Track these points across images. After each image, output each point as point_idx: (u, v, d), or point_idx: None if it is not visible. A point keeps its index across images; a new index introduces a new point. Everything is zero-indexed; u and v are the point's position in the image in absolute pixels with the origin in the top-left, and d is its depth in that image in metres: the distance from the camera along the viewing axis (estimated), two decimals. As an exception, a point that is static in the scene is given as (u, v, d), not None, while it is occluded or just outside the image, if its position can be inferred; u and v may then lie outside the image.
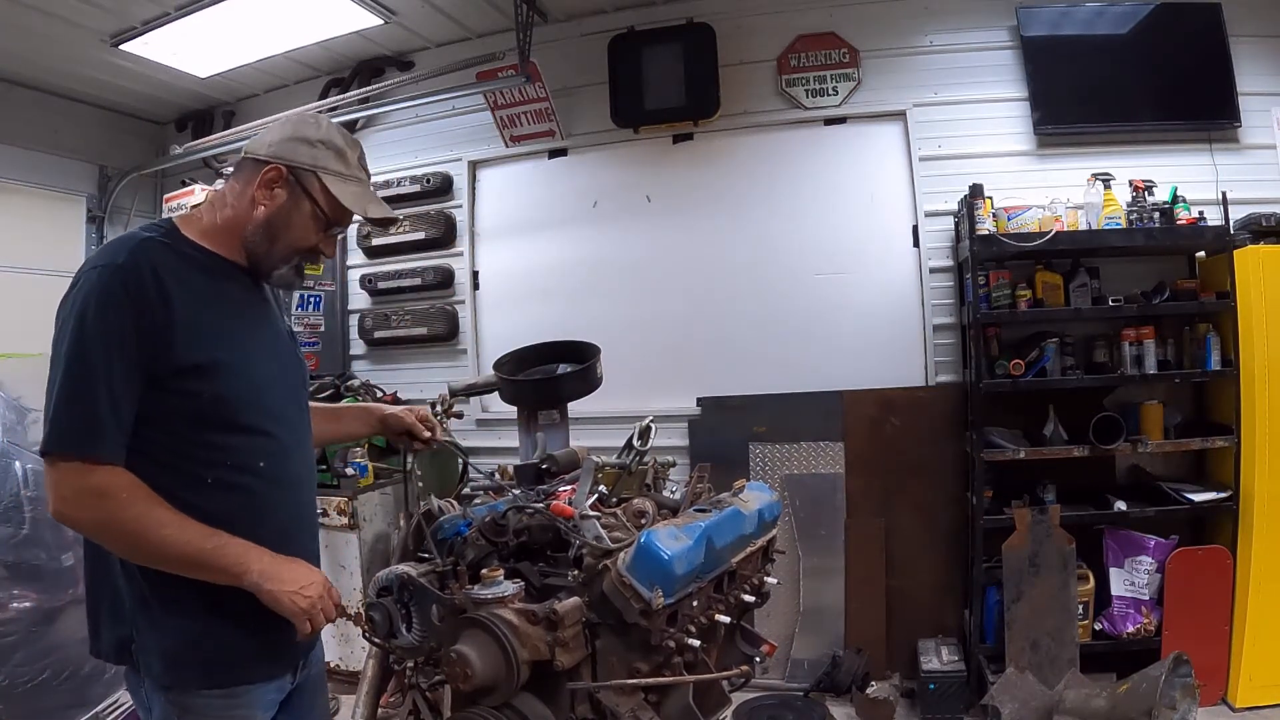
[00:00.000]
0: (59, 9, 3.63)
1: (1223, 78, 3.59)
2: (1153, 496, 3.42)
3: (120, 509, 1.30)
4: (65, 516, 1.32)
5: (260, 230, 1.49)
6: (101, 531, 1.34)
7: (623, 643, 1.55)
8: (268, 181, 1.48)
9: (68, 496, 1.31)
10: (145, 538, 1.32)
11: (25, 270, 4.44)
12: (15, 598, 3.19)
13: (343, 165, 1.52)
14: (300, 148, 1.50)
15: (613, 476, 2.15)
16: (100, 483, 1.30)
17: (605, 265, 4.29)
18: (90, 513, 1.31)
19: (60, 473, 1.31)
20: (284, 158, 1.49)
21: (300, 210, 1.50)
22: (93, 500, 1.30)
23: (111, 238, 4.73)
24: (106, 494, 1.30)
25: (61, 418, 1.31)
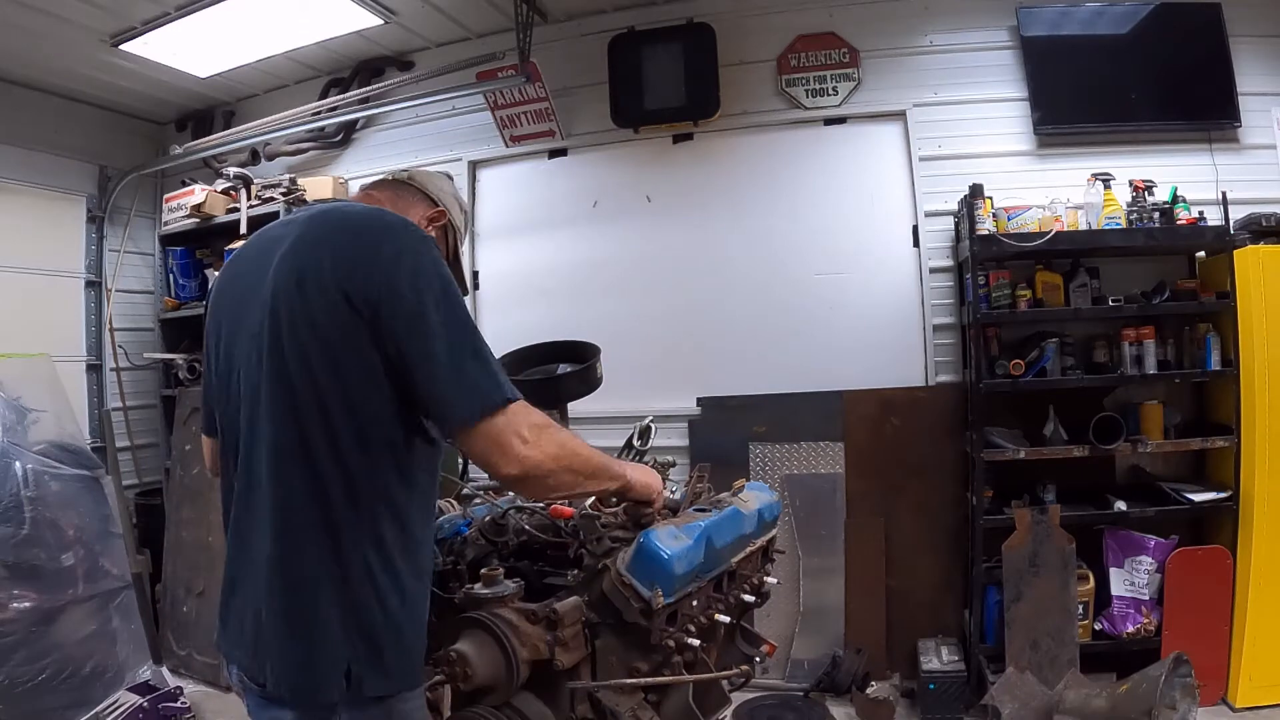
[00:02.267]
0: (59, 9, 3.62)
1: (1223, 78, 3.59)
2: (1153, 496, 3.42)
3: (558, 433, 1.35)
4: (530, 460, 1.28)
5: None
6: (559, 460, 1.33)
7: (622, 642, 1.55)
8: (432, 218, 1.63)
9: (530, 438, 1.28)
10: (580, 455, 1.38)
11: (25, 270, 4.44)
12: (15, 598, 3.19)
13: (464, 238, 1.74)
14: (455, 207, 1.70)
15: (613, 476, 2.14)
16: (540, 417, 1.33)
17: (605, 265, 4.29)
18: (548, 445, 1.31)
19: (513, 418, 1.28)
20: (449, 209, 1.67)
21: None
22: (544, 432, 1.31)
23: (110, 239, 4.76)
24: (547, 425, 1.33)
25: (499, 372, 1.31)
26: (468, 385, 1.27)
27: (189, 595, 4.20)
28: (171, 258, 4.84)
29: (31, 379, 3.78)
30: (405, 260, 1.29)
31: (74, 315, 4.72)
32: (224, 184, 4.58)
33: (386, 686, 1.28)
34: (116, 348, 4.76)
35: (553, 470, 1.32)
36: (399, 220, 1.39)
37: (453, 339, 1.29)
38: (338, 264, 1.29)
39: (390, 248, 1.30)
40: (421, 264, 1.31)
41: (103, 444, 4.58)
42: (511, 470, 1.28)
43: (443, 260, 1.36)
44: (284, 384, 1.28)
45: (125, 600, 3.64)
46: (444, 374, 1.27)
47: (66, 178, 4.67)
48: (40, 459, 3.45)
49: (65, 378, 4.12)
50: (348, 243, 1.32)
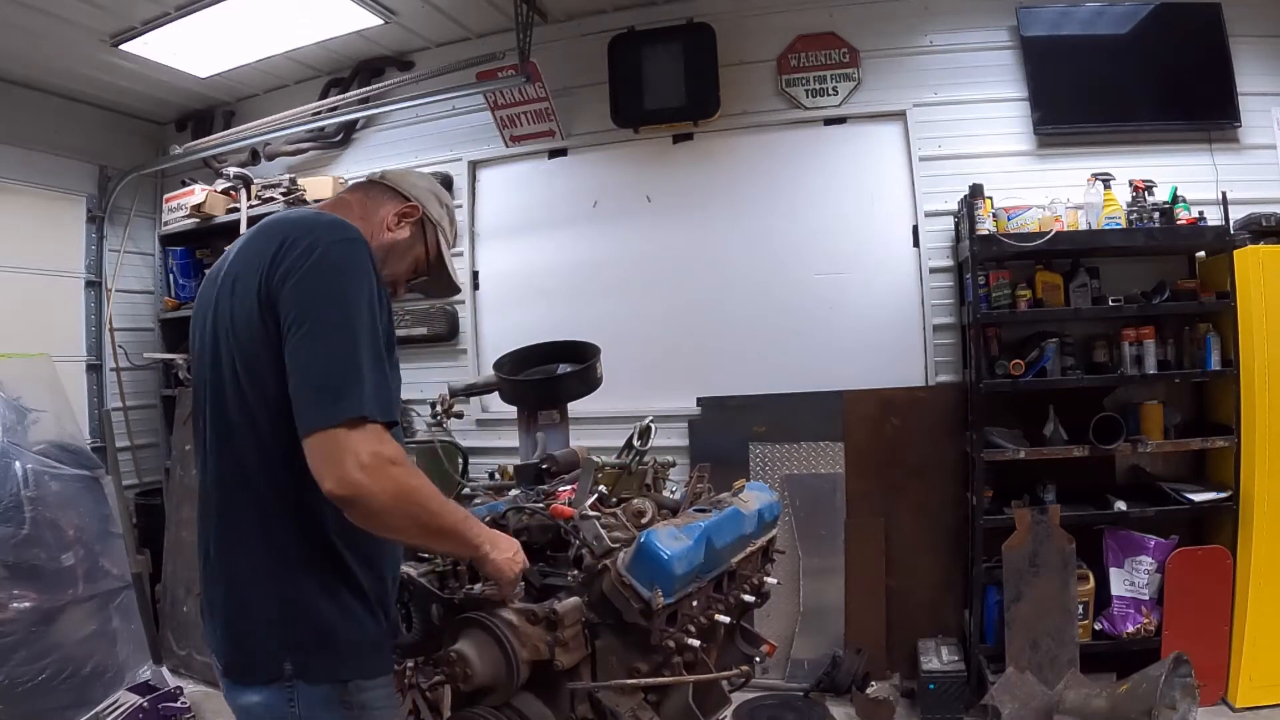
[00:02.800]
0: (59, 9, 3.62)
1: (1223, 78, 3.59)
2: (1153, 496, 3.42)
3: (409, 477, 1.26)
4: (359, 486, 1.20)
5: (381, 250, 1.52)
6: (396, 502, 1.25)
7: (622, 643, 1.55)
8: (404, 214, 1.60)
9: (368, 464, 1.21)
10: (427, 509, 1.30)
11: (25, 270, 4.44)
12: (15, 598, 3.19)
13: (451, 233, 1.72)
14: (434, 202, 1.66)
15: (613, 476, 2.15)
16: (394, 450, 1.25)
17: (605, 265, 4.29)
18: (386, 481, 1.23)
19: (360, 439, 1.21)
20: (422, 203, 1.63)
21: (414, 251, 1.63)
22: (389, 467, 1.23)
23: (110, 239, 4.76)
24: (398, 462, 1.25)
25: (365, 385, 1.24)
26: (322, 390, 1.23)
27: (189, 595, 4.19)
28: (171, 258, 4.85)
29: (31, 379, 3.78)
30: (312, 258, 1.29)
31: (74, 315, 4.72)
32: (224, 184, 4.58)
33: (336, 673, 1.33)
34: (116, 348, 4.76)
35: (387, 508, 1.25)
36: (327, 221, 1.38)
37: (331, 341, 1.25)
38: (260, 268, 1.31)
39: (302, 246, 1.30)
40: (328, 261, 1.29)
41: (103, 444, 4.58)
42: (335, 490, 1.21)
43: (366, 263, 1.32)
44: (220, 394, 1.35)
45: (125, 600, 3.64)
46: (304, 375, 1.25)
47: (66, 178, 4.67)
48: (40, 459, 3.45)
49: (65, 378, 4.12)
50: (270, 247, 1.32)
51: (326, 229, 1.35)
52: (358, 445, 1.21)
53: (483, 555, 1.43)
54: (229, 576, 1.37)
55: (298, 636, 1.32)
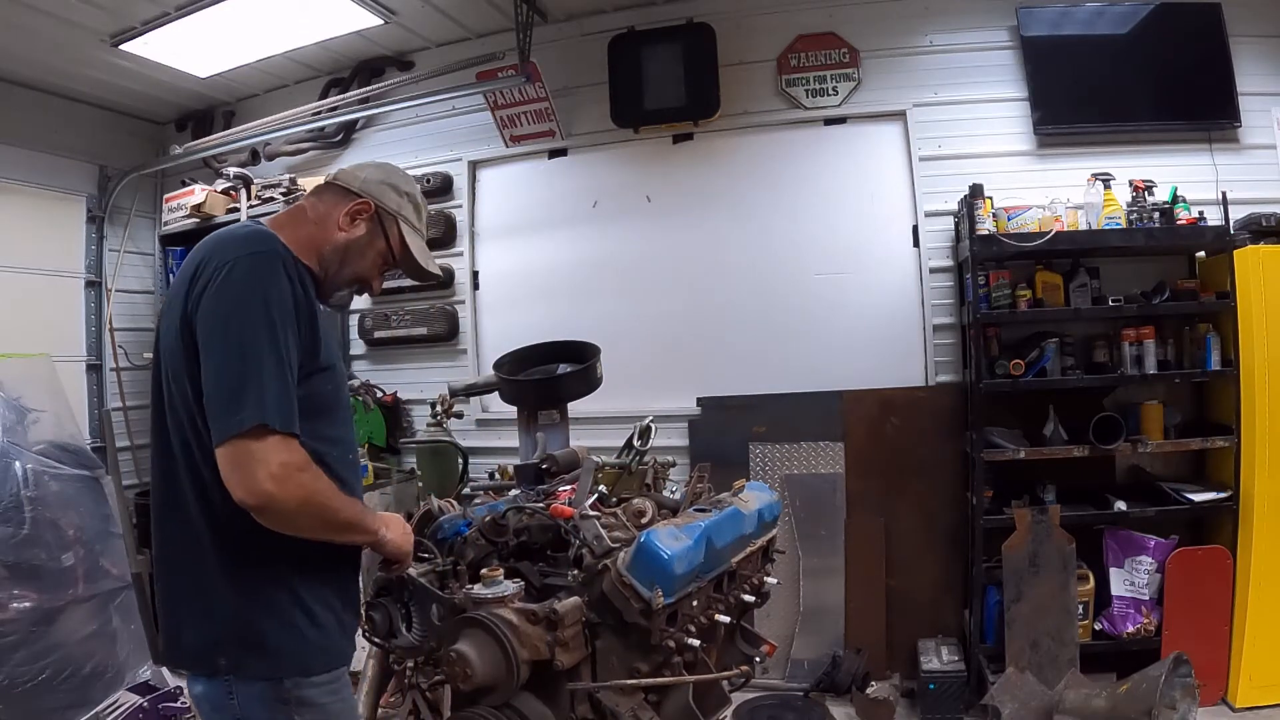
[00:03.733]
0: (59, 9, 3.62)
1: (1223, 78, 3.59)
2: (1153, 496, 3.42)
3: (314, 481, 1.35)
4: (270, 496, 1.29)
5: (336, 253, 1.58)
6: (303, 506, 1.34)
7: (622, 643, 1.55)
8: (354, 212, 1.59)
9: (277, 474, 1.29)
10: (330, 508, 1.37)
11: (25, 270, 4.44)
12: (15, 598, 3.19)
13: (417, 220, 1.68)
14: (390, 193, 1.64)
15: (613, 476, 2.15)
16: (300, 458, 1.33)
17: (605, 265, 4.29)
18: (295, 489, 1.31)
19: (268, 449, 1.29)
20: (374, 197, 1.62)
21: (374, 246, 1.62)
22: (296, 475, 1.31)
23: (110, 239, 4.76)
24: (305, 468, 1.34)
25: (272, 394, 1.30)
26: (226, 401, 1.30)
27: (189, 595, 4.19)
28: (171, 258, 4.84)
29: (31, 379, 3.77)
30: (219, 277, 1.36)
31: (74, 315, 4.72)
32: (224, 184, 4.58)
33: (270, 672, 1.39)
34: (116, 348, 4.75)
35: (294, 512, 1.33)
36: (241, 236, 1.45)
37: (231, 355, 1.32)
38: (182, 290, 1.40)
39: (212, 266, 1.38)
40: (231, 279, 1.36)
41: (103, 444, 4.58)
42: (247, 499, 1.28)
43: (270, 275, 1.37)
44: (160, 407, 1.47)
45: (125, 600, 3.64)
46: (211, 389, 1.33)
47: (66, 178, 4.67)
48: (40, 459, 3.45)
49: (65, 378, 4.12)
50: (190, 269, 1.42)
51: (237, 245, 1.41)
52: (268, 455, 1.29)
53: (380, 539, 1.51)
54: (165, 575, 1.47)
55: (222, 636, 1.39)
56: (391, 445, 4.46)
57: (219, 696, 1.41)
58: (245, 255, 1.39)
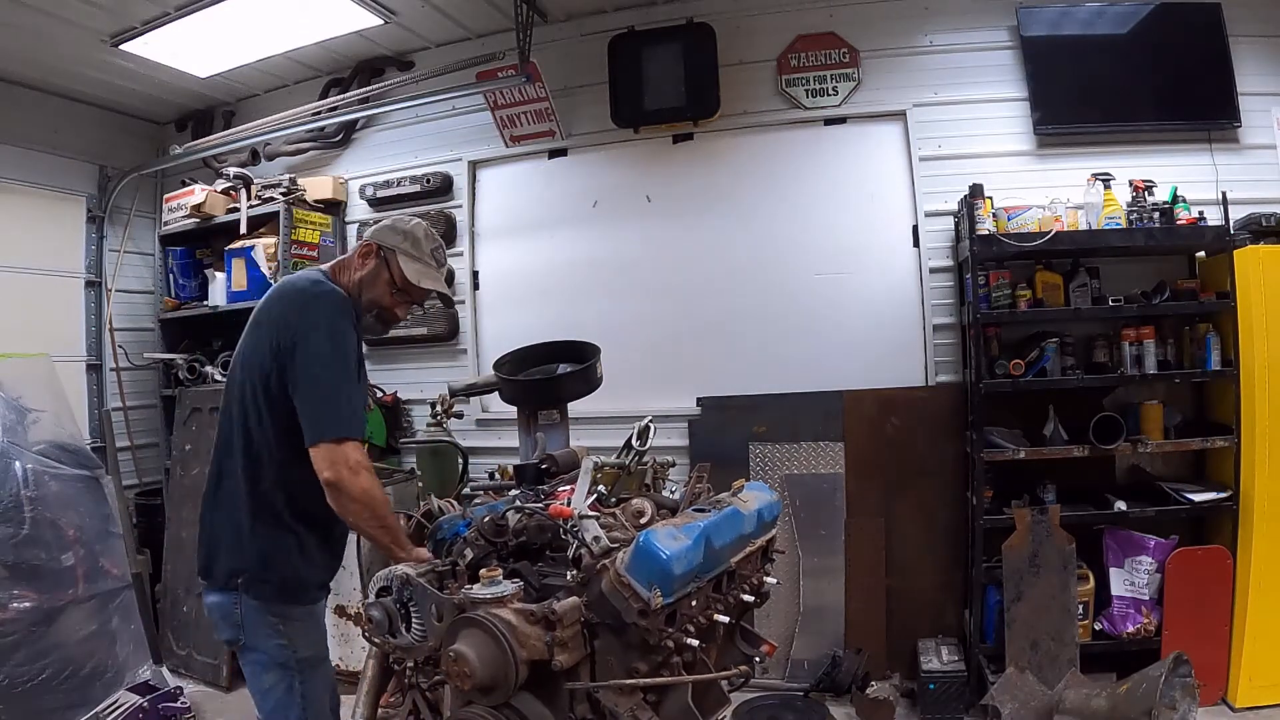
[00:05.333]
0: (59, 9, 3.63)
1: (1223, 78, 3.59)
2: (1153, 496, 3.42)
3: (372, 483, 1.86)
4: (345, 484, 1.81)
5: (357, 287, 2.08)
6: (363, 496, 1.83)
7: (621, 643, 1.55)
8: (364, 253, 2.10)
9: (354, 468, 1.82)
10: (378, 504, 1.86)
11: (25, 270, 4.44)
12: (15, 598, 3.19)
13: (416, 251, 2.10)
14: (389, 233, 2.11)
15: (612, 476, 2.15)
16: (367, 461, 1.87)
17: (605, 265, 4.29)
18: (363, 482, 1.83)
19: (349, 450, 1.84)
20: (378, 239, 2.11)
21: (380, 277, 2.09)
22: (365, 473, 1.84)
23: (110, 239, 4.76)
24: (370, 469, 1.87)
25: (350, 411, 1.88)
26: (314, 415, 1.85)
27: (189, 595, 4.20)
28: (171, 258, 4.85)
29: (31, 379, 3.78)
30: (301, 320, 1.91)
31: (74, 315, 4.72)
32: (224, 184, 4.58)
33: (270, 593, 1.94)
34: (116, 348, 4.76)
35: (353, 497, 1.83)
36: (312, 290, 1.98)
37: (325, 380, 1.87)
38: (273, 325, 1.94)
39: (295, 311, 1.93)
40: (309, 313, 1.92)
41: (103, 444, 4.58)
42: (331, 478, 1.82)
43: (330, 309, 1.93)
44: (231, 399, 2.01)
45: (125, 600, 3.65)
46: (308, 405, 1.86)
47: (66, 178, 4.68)
48: (40, 459, 3.45)
49: (65, 378, 4.12)
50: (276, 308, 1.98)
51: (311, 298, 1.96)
52: (349, 454, 1.84)
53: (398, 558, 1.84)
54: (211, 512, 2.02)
55: (244, 565, 1.94)
56: (391, 445, 4.46)
57: (228, 606, 1.96)
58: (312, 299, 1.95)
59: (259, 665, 1.96)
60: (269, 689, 1.96)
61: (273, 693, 1.96)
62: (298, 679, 1.96)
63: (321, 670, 2.05)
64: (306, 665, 1.98)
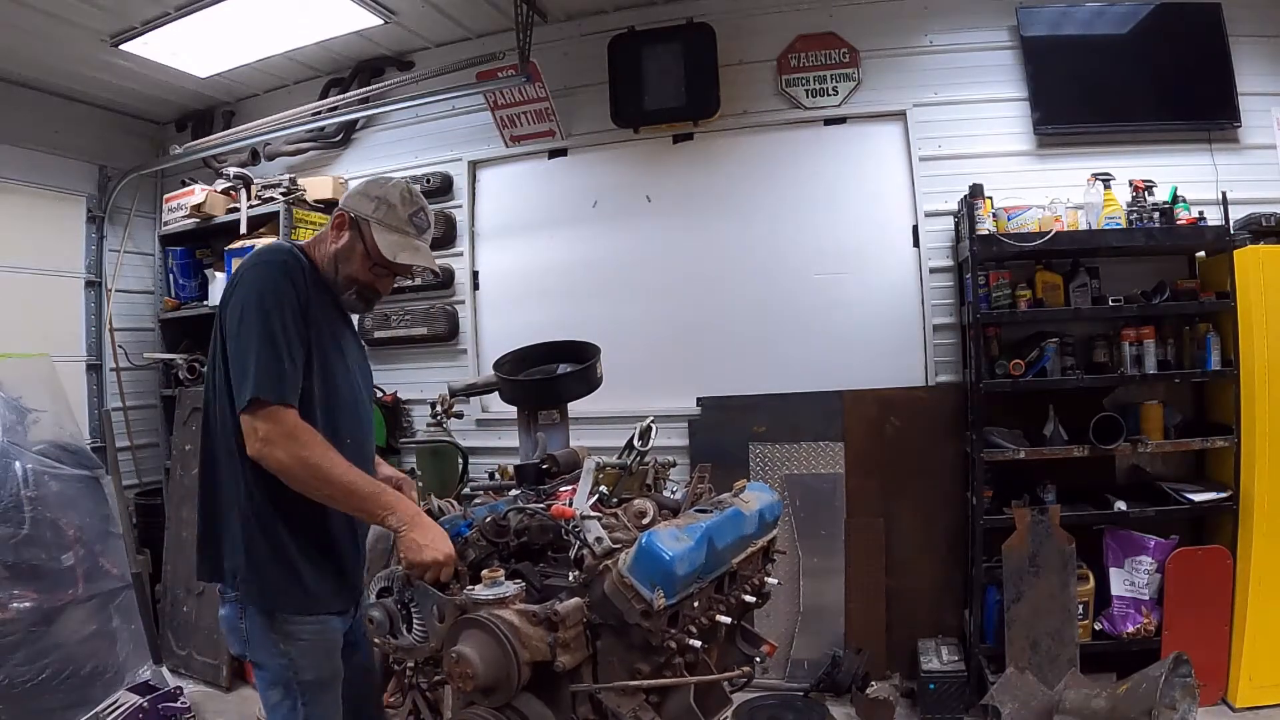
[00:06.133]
0: (59, 9, 3.62)
1: (1223, 78, 3.59)
2: (1153, 496, 3.42)
3: (305, 450, 1.66)
4: (265, 456, 1.65)
5: (331, 261, 1.90)
6: (291, 467, 1.66)
7: (624, 643, 1.55)
8: (337, 224, 1.91)
9: (268, 438, 1.64)
10: (323, 471, 1.66)
11: (25, 270, 4.43)
12: (15, 598, 3.19)
13: (391, 218, 1.88)
14: (363, 201, 1.89)
15: (613, 477, 2.15)
16: (291, 426, 1.66)
17: (605, 265, 4.29)
18: (279, 455, 1.64)
19: (257, 420, 1.65)
20: (349, 207, 1.90)
21: (354, 249, 1.89)
22: (285, 441, 1.65)
23: (110, 239, 4.76)
24: (294, 436, 1.66)
25: (260, 372, 1.65)
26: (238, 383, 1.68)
27: (189, 595, 4.20)
28: (171, 258, 4.84)
29: (31, 379, 3.77)
30: (235, 281, 1.78)
31: (74, 315, 4.72)
32: (224, 184, 4.57)
33: (266, 602, 1.78)
34: (116, 348, 4.75)
35: (288, 470, 1.66)
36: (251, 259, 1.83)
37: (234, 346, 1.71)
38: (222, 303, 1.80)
39: (235, 274, 1.80)
40: (241, 282, 1.77)
41: (103, 444, 4.57)
42: (252, 456, 1.67)
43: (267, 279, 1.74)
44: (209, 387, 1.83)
45: (125, 600, 3.64)
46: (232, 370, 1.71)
47: (66, 178, 4.67)
48: (40, 459, 3.45)
49: (65, 378, 4.12)
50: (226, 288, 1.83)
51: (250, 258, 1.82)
52: (258, 424, 1.65)
53: (394, 529, 1.70)
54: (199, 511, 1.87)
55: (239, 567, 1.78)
56: (391, 445, 4.46)
57: (233, 618, 1.82)
58: (249, 266, 1.77)
59: (264, 681, 1.87)
60: (275, 705, 1.87)
61: (278, 709, 1.87)
62: (300, 700, 1.84)
63: (331, 695, 1.89)
64: (311, 689, 1.85)
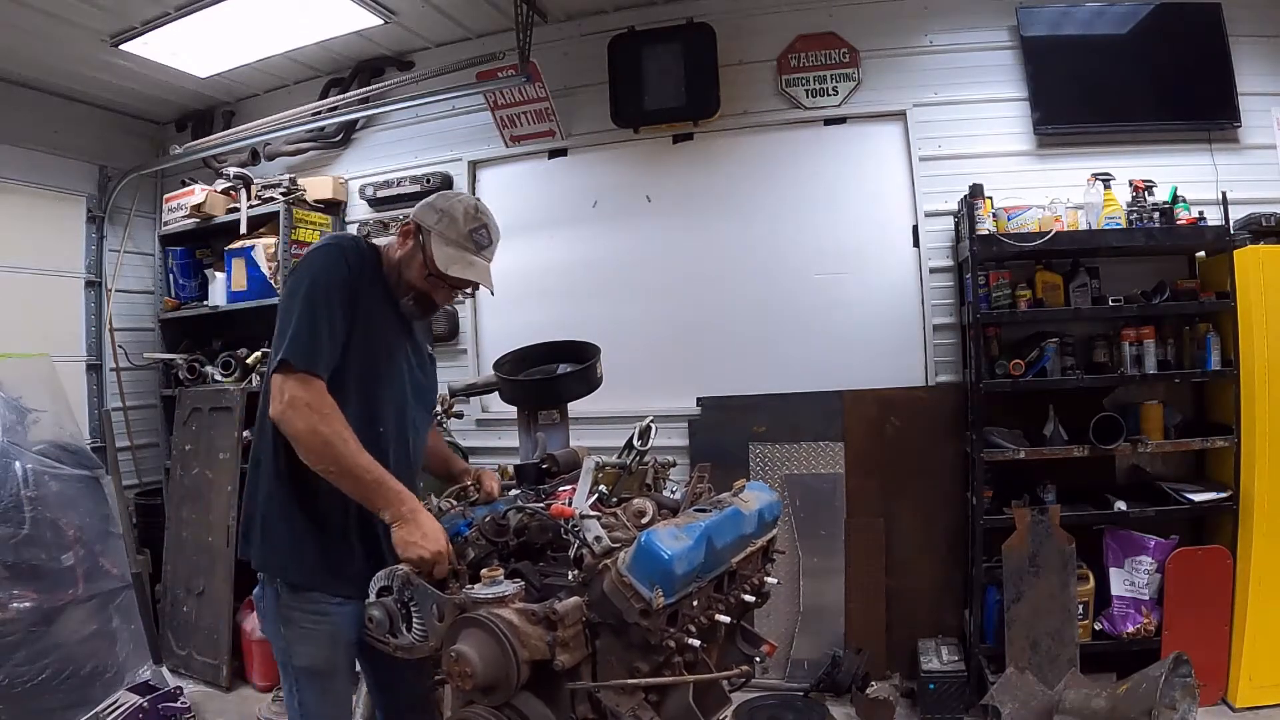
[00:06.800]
0: (59, 9, 3.62)
1: (1223, 78, 3.59)
2: (1153, 496, 3.42)
3: (321, 424, 1.68)
4: (283, 419, 1.69)
5: (395, 267, 1.96)
6: (304, 434, 1.68)
7: (623, 642, 1.55)
8: (404, 232, 1.96)
9: (291, 402, 1.67)
10: (333, 448, 1.68)
11: (25, 270, 4.44)
12: (15, 598, 3.19)
13: (451, 231, 1.91)
14: (428, 212, 1.94)
15: (613, 476, 2.15)
16: (313, 397, 1.69)
17: (605, 265, 4.29)
18: (299, 420, 1.67)
19: (286, 382, 1.68)
20: (417, 216, 1.96)
21: (415, 257, 1.94)
22: (304, 408, 1.67)
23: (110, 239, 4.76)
24: (315, 408, 1.68)
25: (295, 338, 1.70)
26: (277, 342, 1.73)
27: (189, 595, 4.20)
28: (171, 258, 4.84)
29: (31, 379, 3.78)
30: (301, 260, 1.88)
31: (74, 315, 4.72)
32: (224, 184, 4.58)
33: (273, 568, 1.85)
34: (116, 348, 4.76)
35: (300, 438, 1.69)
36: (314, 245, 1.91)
37: (284, 310, 1.77)
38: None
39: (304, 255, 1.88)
40: (302, 260, 1.87)
41: (103, 444, 4.57)
42: (271, 415, 1.72)
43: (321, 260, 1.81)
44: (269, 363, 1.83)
45: (125, 600, 3.64)
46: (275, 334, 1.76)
47: (66, 178, 4.67)
48: (40, 459, 3.45)
49: (65, 378, 4.12)
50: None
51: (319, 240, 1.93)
52: (284, 386, 1.69)
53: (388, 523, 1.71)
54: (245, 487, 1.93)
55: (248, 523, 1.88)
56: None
57: (258, 594, 1.90)
58: (312, 250, 1.86)
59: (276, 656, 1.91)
60: (282, 683, 1.92)
61: (283, 688, 1.91)
62: (294, 684, 1.87)
63: (325, 686, 1.87)
64: (303, 674, 1.85)
